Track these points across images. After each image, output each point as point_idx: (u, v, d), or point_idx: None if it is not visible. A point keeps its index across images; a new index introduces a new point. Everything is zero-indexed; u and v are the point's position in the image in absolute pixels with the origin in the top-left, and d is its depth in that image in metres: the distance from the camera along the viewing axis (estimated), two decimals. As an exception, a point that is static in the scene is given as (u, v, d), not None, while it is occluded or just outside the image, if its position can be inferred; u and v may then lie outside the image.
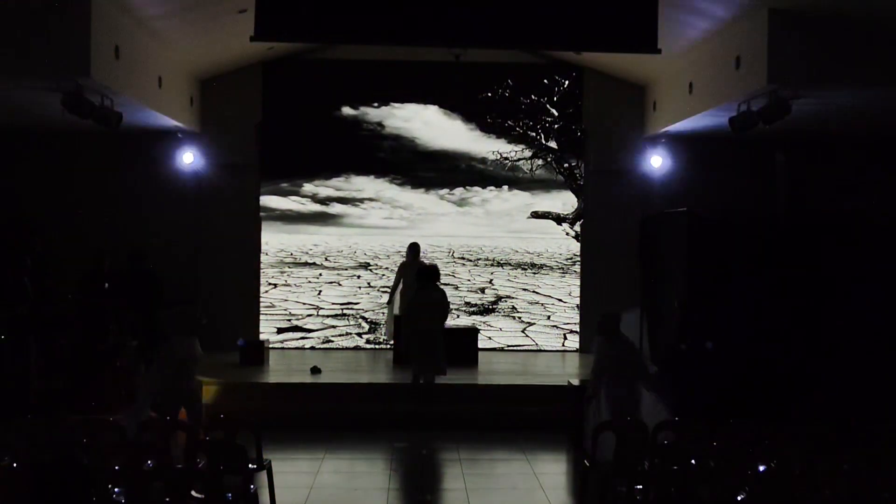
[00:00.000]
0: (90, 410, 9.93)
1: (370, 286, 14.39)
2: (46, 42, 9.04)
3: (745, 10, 9.56)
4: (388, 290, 13.52)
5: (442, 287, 11.71)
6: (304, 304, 14.30)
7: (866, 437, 6.99)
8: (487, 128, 14.29)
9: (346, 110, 14.22)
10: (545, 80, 14.25)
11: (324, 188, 14.32)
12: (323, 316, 14.09)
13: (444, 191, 14.43)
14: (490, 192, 14.47)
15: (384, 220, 14.44)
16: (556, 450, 9.95)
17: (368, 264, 14.54)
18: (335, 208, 14.37)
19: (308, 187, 14.32)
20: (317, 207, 14.35)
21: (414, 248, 13.00)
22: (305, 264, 14.47)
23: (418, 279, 11.55)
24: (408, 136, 14.27)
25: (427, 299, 11.29)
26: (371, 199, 14.37)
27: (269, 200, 14.30)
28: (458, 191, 14.44)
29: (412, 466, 9.36)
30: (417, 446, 9.89)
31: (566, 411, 10.29)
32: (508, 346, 14.26)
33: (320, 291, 14.40)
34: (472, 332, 13.20)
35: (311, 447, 9.82)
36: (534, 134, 14.35)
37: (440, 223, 14.43)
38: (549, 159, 14.42)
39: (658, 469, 6.54)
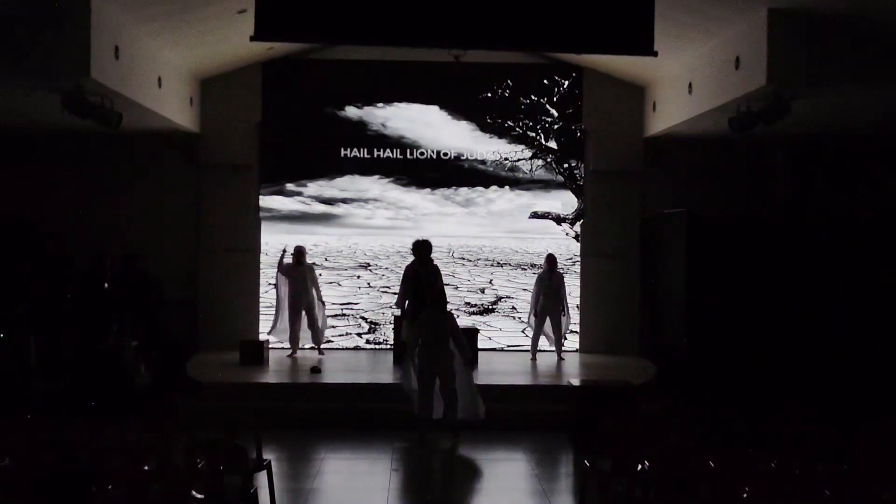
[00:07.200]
0: (90, 411, 9.93)
1: (370, 286, 14.38)
2: (46, 42, 9.03)
3: (744, 10, 9.55)
4: (386, 290, 13.45)
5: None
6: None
7: (866, 437, 6.99)
8: (487, 128, 14.29)
9: (346, 110, 14.21)
10: (545, 81, 14.25)
11: (323, 188, 14.31)
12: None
13: (444, 191, 14.41)
14: (490, 193, 14.45)
15: (384, 220, 14.43)
16: (556, 450, 9.94)
17: (368, 264, 14.53)
18: (335, 208, 14.36)
19: (307, 187, 14.31)
20: (316, 208, 14.34)
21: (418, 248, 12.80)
22: (305, 264, 14.45)
23: (414, 252, 12.28)
24: (407, 137, 14.25)
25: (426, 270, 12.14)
26: (370, 200, 14.35)
27: (268, 200, 14.29)
28: (458, 191, 14.42)
29: (412, 466, 9.36)
30: (417, 446, 9.88)
31: (566, 411, 10.29)
32: (508, 346, 14.25)
33: (320, 291, 14.39)
34: (472, 332, 13.18)
35: (311, 447, 9.83)
36: (533, 134, 14.34)
37: (440, 223, 14.42)
38: (548, 160, 14.41)
39: (658, 469, 6.53)
